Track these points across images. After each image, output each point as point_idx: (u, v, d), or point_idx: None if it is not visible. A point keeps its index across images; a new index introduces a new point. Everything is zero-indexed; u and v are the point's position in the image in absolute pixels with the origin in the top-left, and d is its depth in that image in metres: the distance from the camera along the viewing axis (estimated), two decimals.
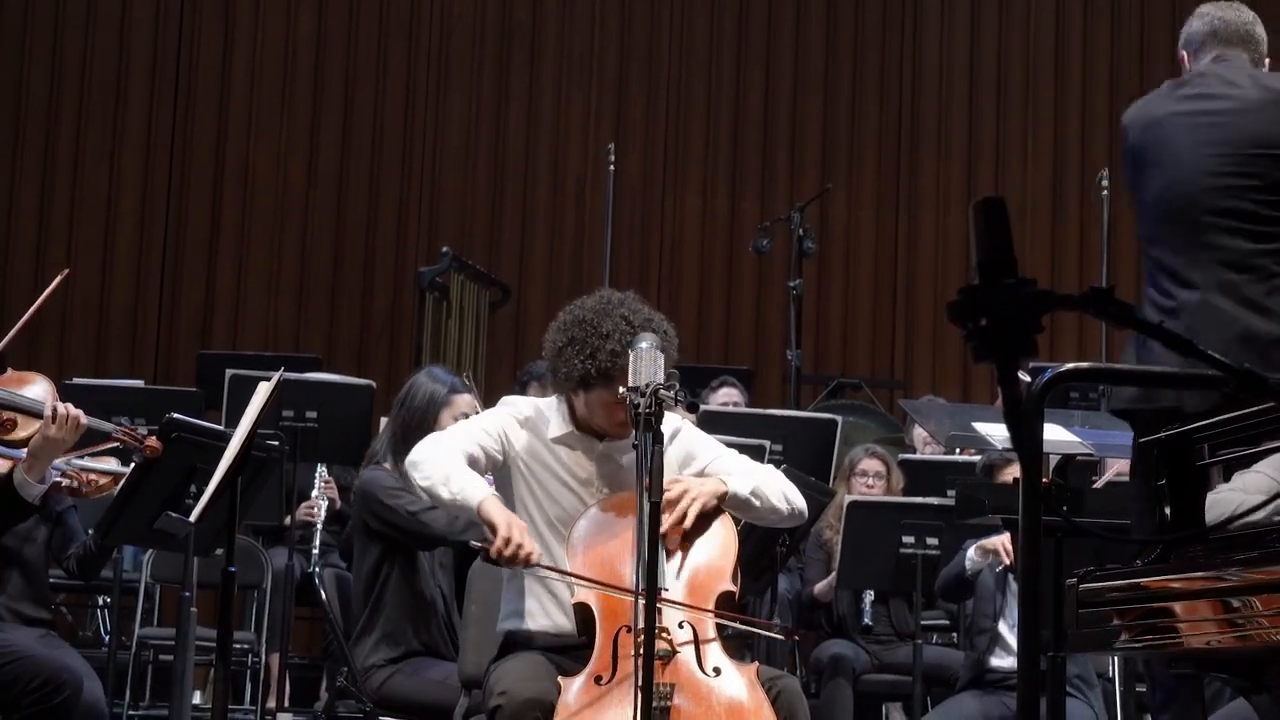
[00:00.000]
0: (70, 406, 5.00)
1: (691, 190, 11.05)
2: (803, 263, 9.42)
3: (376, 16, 10.95)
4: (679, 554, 4.14)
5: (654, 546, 3.77)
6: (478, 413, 5.54)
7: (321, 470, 7.45)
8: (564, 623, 4.22)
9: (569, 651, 4.15)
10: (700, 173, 11.11)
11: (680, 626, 4.03)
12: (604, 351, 4.17)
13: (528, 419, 4.38)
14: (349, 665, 5.44)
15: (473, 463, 4.24)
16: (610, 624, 4.03)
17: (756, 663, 4.25)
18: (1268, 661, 3.30)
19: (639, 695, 3.67)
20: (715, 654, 4.03)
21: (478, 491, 4.11)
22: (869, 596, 7.17)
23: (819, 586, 7.17)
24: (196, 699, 7.51)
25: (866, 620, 7.17)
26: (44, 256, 10.46)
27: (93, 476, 5.29)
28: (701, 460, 4.42)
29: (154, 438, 5.20)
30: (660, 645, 3.90)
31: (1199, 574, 2.93)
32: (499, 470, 4.36)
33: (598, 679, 3.96)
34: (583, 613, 4.09)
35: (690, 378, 8.77)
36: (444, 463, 4.16)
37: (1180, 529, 3.36)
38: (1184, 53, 4.92)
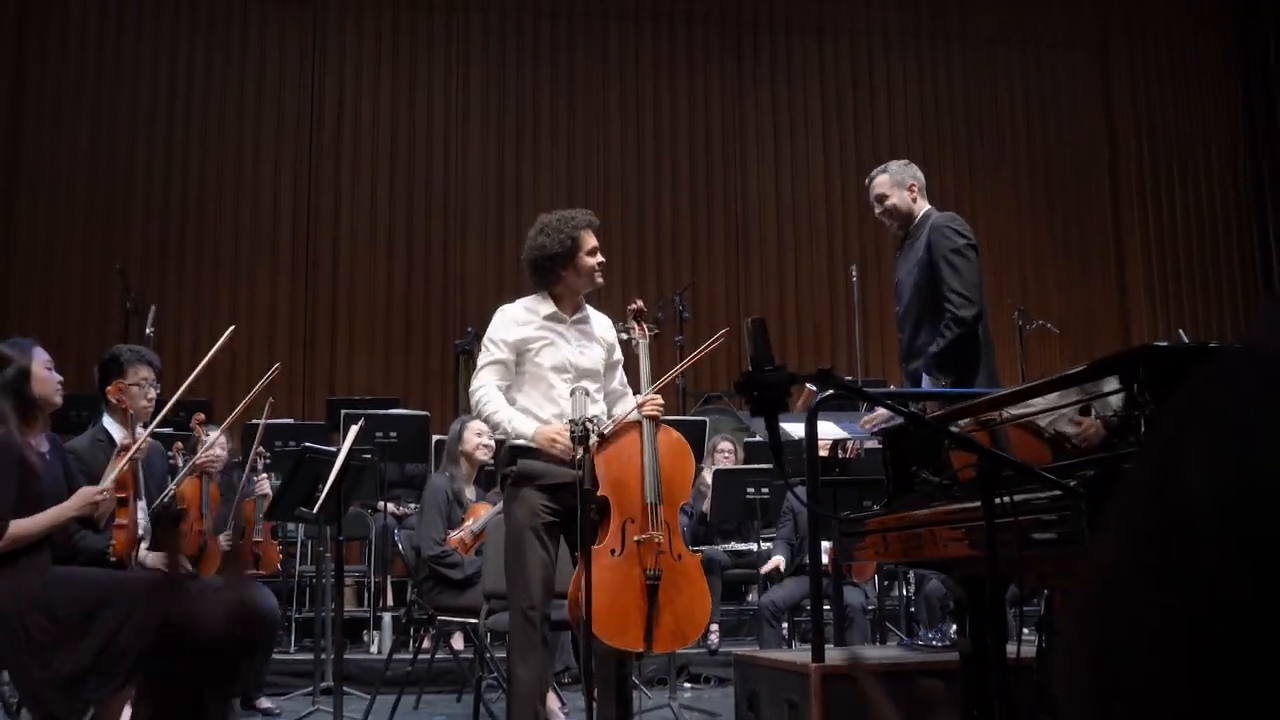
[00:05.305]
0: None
1: None
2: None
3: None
4: (668, 477, 3.98)
5: (586, 520, 3.68)
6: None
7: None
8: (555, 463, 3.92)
9: (567, 521, 3.91)
10: None
11: (661, 529, 3.94)
12: (562, 231, 4.06)
13: (524, 311, 4.10)
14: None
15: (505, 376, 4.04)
16: (619, 516, 3.89)
17: (699, 552, 4.26)
18: (949, 562, 3.40)
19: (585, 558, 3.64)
20: (678, 546, 3.97)
21: (527, 426, 3.94)
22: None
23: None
24: None
25: None
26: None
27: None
28: (615, 357, 4.25)
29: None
30: (658, 540, 3.88)
31: (895, 515, 3.02)
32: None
33: (612, 551, 3.87)
34: (603, 502, 3.90)
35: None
36: (495, 408, 3.98)
37: (896, 486, 3.44)
38: (914, 184, 4.51)
